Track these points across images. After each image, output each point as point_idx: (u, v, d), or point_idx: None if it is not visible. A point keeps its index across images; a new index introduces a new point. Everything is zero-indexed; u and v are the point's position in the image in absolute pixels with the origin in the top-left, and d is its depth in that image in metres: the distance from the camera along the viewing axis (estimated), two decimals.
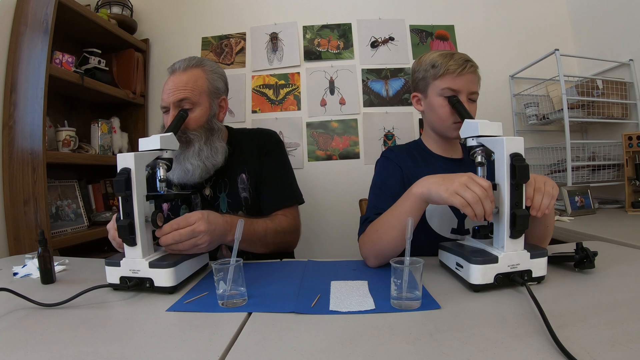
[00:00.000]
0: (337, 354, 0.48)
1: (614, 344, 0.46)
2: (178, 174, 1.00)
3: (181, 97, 1.00)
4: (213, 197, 1.10)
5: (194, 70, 1.04)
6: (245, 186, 1.09)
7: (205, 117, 1.03)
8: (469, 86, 0.97)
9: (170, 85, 1.02)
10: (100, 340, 0.53)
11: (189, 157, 0.99)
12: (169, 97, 1.00)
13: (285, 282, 0.78)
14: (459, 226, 1.00)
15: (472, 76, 0.98)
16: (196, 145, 1.00)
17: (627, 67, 1.76)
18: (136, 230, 0.72)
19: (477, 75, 0.99)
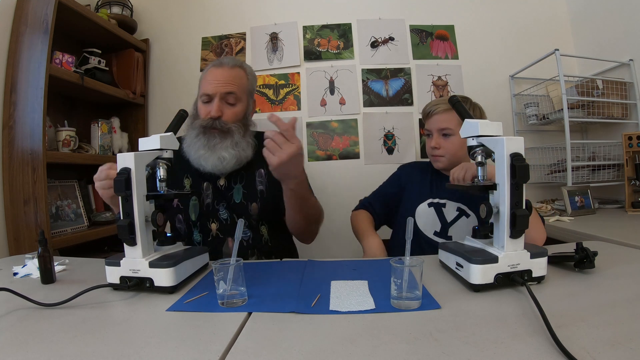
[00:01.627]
0: (337, 354, 0.48)
1: (614, 344, 0.46)
2: (212, 162, 1.06)
3: (230, 90, 1.07)
4: (227, 187, 1.12)
5: (239, 70, 1.11)
6: (263, 180, 1.14)
7: (243, 113, 1.11)
8: (437, 125, 1.20)
9: (218, 77, 1.07)
10: (100, 340, 0.53)
11: (226, 147, 1.05)
12: (217, 87, 1.06)
13: (285, 282, 0.78)
14: (442, 230, 1.18)
15: (439, 116, 1.20)
16: (235, 137, 1.07)
17: (627, 67, 1.76)
18: (136, 230, 0.72)
19: (448, 115, 1.18)
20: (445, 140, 1.20)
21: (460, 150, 1.19)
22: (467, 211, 1.18)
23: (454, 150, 1.19)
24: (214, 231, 1.10)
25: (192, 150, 1.08)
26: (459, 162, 1.16)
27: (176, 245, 0.85)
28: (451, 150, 1.19)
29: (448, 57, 2.08)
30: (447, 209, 1.20)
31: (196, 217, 1.11)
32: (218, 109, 1.05)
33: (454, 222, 1.18)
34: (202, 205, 1.11)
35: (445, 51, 2.08)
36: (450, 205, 1.20)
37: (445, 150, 1.20)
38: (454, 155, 1.20)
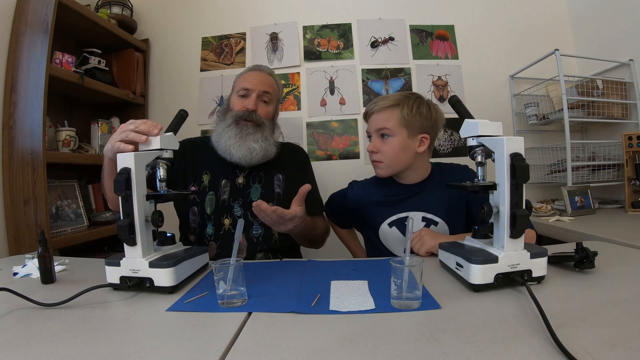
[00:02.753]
0: (337, 354, 0.48)
1: (614, 344, 0.46)
2: (242, 152, 1.11)
3: (266, 90, 1.18)
4: (245, 185, 1.17)
5: (273, 78, 1.24)
6: (280, 184, 1.19)
7: (272, 114, 1.22)
8: (374, 125, 1.10)
9: (258, 78, 1.19)
10: (100, 340, 0.53)
11: (257, 139, 1.12)
12: (256, 85, 1.17)
13: (285, 282, 0.78)
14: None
15: (377, 115, 1.10)
16: (266, 131, 1.15)
17: (627, 67, 1.76)
18: (136, 230, 0.72)
19: (386, 113, 1.08)
20: (384, 143, 1.08)
21: (401, 154, 1.07)
22: (434, 219, 1.10)
23: (393, 154, 1.07)
24: (227, 226, 1.14)
25: (222, 139, 1.12)
26: (402, 168, 1.10)
27: (176, 245, 0.85)
28: (390, 154, 1.07)
29: (448, 57, 2.08)
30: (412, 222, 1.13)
31: (211, 211, 1.14)
32: (255, 103, 1.15)
33: None
34: (218, 200, 1.14)
35: (445, 51, 2.08)
36: (414, 216, 1.10)
37: (383, 155, 1.08)
38: (394, 159, 1.08)
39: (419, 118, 1.06)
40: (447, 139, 2.04)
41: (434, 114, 1.10)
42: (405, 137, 1.07)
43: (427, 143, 1.09)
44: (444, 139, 2.04)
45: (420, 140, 1.08)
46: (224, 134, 1.12)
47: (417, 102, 1.08)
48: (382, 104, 1.08)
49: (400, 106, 1.06)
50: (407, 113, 1.05)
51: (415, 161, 1.10)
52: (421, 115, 1.07)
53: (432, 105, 1.11)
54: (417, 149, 1.08)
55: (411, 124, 1.06)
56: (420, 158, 1.11)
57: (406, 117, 1.05)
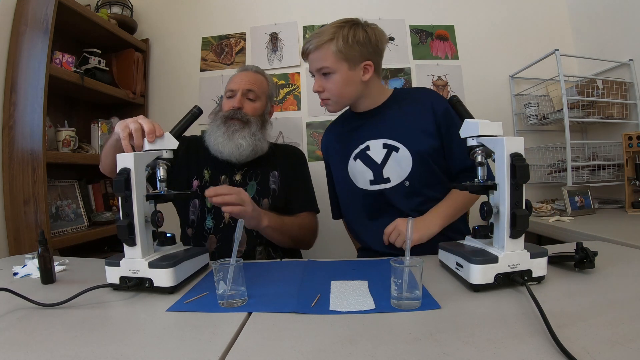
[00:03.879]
0: (337, 354, 0.48)
1: (614, 344, 0.46)
2: (230, 149, 1.15)
3: (250, 88, 1.21)
4: (242, 182, 1.21)
5: (260, 75, 1.28)
6: (276, 180, 1.23)
7: (261, 110, 1.24)
8: (314, 65, 1.06)
9: (243, 78, 1.24)
10: (100, 340, 0.53)
11: (244, 136, 1.16)
12: (240, 84, 1.22)
13: (285, 282, 0.78)
14: (376, 177, 1.09)
15: (313, 55, 1.04)
16: (253, 128, 1.18)
17: (627, 67, 1.76)
18: (136, 231, 0.72)
19: (322, 50, 1.02)
20: (327, 81, 1.05)
21: (346, 89, 1.05)
22: (394, 145, 1.07)
23: (338, 91, 1.05)
24: (227, 219, 1.17)
25: (212, 137, 1.18)
26: (353, 100, 1.10)
27: (176, 245, 0.85)
28: (335, 91, 1.05)
29: (448, 57, 2.07)
30: (373, 150, 1.09)
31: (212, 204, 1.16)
32: (239, 101, 1.19)
33: (386, 162, 1.08)
34: None
35: (445, 51, 2.08)
36: (374, 144, 1.09)
37: (329, 93, 1.06)
38: (340, 95, 1.06)
39: (357, 47, 1.01)
40: None
41: (373, 37, 1.04)
42: (346, 70, 1.03)
43: (371, 70, 1.05)
44: None
45: (363, 68, 1.04)
46: (213, 133, 1.18)
47: (352, 30, 1.02)
48: (316, 42, 1.02)
49: (335, 40, 1.01)
50: (342, 46, 1.00)
51: (364, 89, 1.08)
52: (359, 43, 1.01)
53: (370, 28, 1.05)
54: (362, 78, 1.05)
55: (350, 55, 1.01)
56: (369, 85, 1.08)
57: (343, 50, 1.00)
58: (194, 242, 1.18)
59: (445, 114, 1.06)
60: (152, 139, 0.81)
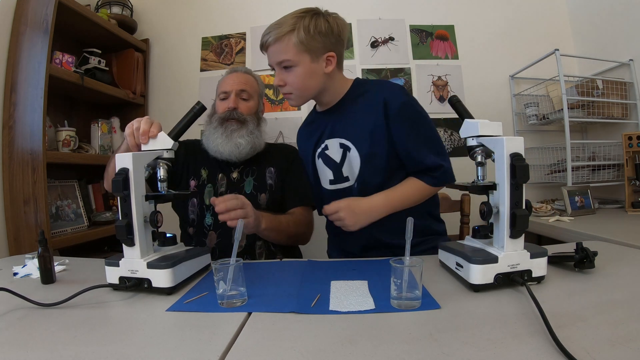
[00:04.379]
0: (337, 354, 0.48)
1: (614, 344, 0.46)
2: (230, 148, 1.16)
3: (243, 88, 1.24)
4: (239, 179, 1.23)
5: (250, 76, 1.30)
6: (272, 175, 1.25)
7: (255, 109, 1.27)
8: (274, 58, 1.02)
9: (234, 79, 1.26)
10: (100, 340, 0.53)
11: (242, 135, 1.18)
12: (233, 85, 1.24)
13: (285, 282, 0.78)
14: (335, 176, 1.10)
15: (273, 48, 1.00)
16: (250, 126, 1.21)
17: (627, 67, 1.76)
18: (134, 231, 0.72)
19: (283, 43, 0.98)
20: (289, 74, 1.01)
21: (309, 81, 1.02)
22: (347, 145, 1.05)
23: (300, 84, 1.01)
24: None
25: (210, 140, 1.19)
26: (315, 94, 1.05)
27: (177, 246, 0.85)
28: (297, 84, 1.01)
29: (448, 57, 2.07)
30: (331, 150, 1.08)
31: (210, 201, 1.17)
32: (235, 101, 1.22)
33: (343, 162, 1.06)
34: (216, 193, 1.21)
35: (445, 51, 2.08)
36: (332, 144, 1.08)
37: (291, 87, 1.02)
38: (303, 88, 1.02)
39: (319, 38, 0.97)
40: (447, 139, 2.04)
41: (335, 28, 1.00)
42: (308, 62, 0.99)
43: (334, 61, 1.02)
44: (444, 139, 2.04)
45: (326, 60, 1.01)
46: (211, 135, 1.20)
47: (313, 20, 0.97)
48: (275, 34, 0.97)
49: (296, 31, 0.96)
50: (304, 37, 0.96)
51: (327, 81, 1.04)
52: (321, 34, 0.97)
53: (332, 18, 1.01)
54: (325, 70, 1.01)
55: (312, 46, 0.97)
56: (332, 77, 1.05)
57: (305, 42, 0.96)
58: (196, 240, 1.19)
59: (399, 111, 1.00)
60: (145, 140, 0.82)
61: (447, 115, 2.02)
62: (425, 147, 1.01)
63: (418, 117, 1.02)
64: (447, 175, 1.01)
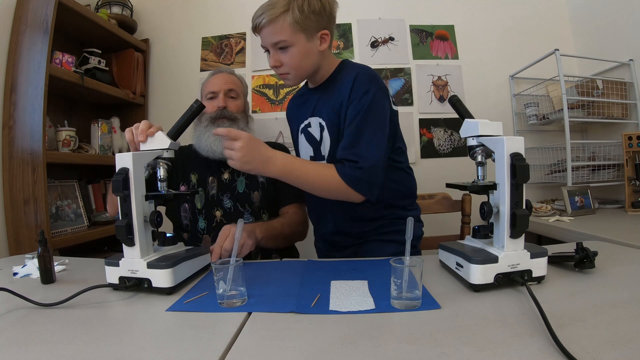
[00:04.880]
0: (337, 354, 0.48)
1: (614, 344, 0.46)
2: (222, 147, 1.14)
3: (231, 88, 1.27)
4: (231, 179, 1.24)
5: (234, 76, 1.34)
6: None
7: (243, 107, 1.31)
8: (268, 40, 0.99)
9: (220, 79, 1.28)
10: (100, 340, 0.53)
11: None
12: (221, 85, 1.26)
13: (285, 282, 0.78)
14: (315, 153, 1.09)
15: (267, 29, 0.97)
16: (240, 123, 1.23)
17: (627, 67, 1.76)
18: (134, 231, 0.72)
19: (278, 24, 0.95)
20: (284, 54, 0.99)
21: (305, 61, 1.00)
22: (323, 124, 1.05)
23: (297, 64, 0.99)
24: (218, 218, 1.20)
25: (202, 140, 1.19)
26: (311, 72, 1.04)
27: (177, 245, 0.84)
28: (294, 64, 0.99)
29: (448, 57, 2.07)
30: (313, 127, 1.08)
31: (202, 205, 1.21)
32: (224, 100, 1.23)
33: (322, 140, 1.06)
34: (208, 196, 1.22)
35: (445, 51, 2.08)
36: (314, 122, 1.07)
37: (287, 67, 1.00)
38: (299, 68, 1.01)
39: (313, 17, 0.96)
40: (447, 139, 2.04)
41: (327, 5, 0.99)
42: (304, 42, 0.97)
43: (328, 39, 1.01)
44: (444, 139, 2.04)
45: (320, 38, 0.99)
46: (203, 135, 1.20)
47: None
48: (270, 14, 0.95)
49: (290, 11, 0.94)
50: (299, 16, 0.94)
51: (322, 60, 1.03)
52: (314, 12, 0.96)
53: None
54: (319, 49, 1.00)
55: (306, 26, 0.96)
56: (324, 55, 1.04)
57: (300, 21, 0.94)
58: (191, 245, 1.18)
59: (358, 97, 0.96)
60: (143, 137, 0.82)
61: (447, 115, 2.02)
62: (357, 137, 0.95)
63: (371, 108, 0.96)
64: (357, 174, 0.91)
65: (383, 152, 0.96)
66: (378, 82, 0.99)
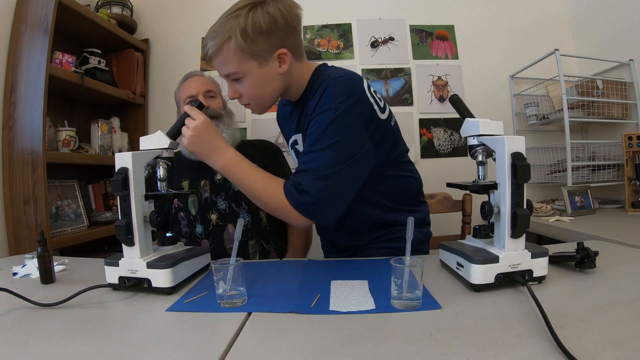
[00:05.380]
0: (337, 354, 0.48)
1: (614, 344, 0.46)
2: None
3: (208, 88, 1.28)
4: (224, 181, 1.23)
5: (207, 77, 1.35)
6: None
7: (222, 104, 1.32)
8: (220, 72, 0.89)
9: (197, 82, 1.28)
10: (99, 340, 0.53)
11: (223, 129, 1.20)
12: (198, 88, 1.25)
13: (285, 282, 0.78)
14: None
15: (216, 61, 0.86)
16: (225, 120, 1.25)
17: (627, 67, 1.76)
18: (134, 230, 0.72)
19: (222, 54, 0.84)
20: (240, 85, 0.88)
21: (264, 88, 0.89)
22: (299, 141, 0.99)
23: (255, 94, 0.89)
24: (214, 220, 1.20)
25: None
26: (277, 96, 0.93)
27: (177, 245, 0.84)
28: (252, 95, 0.90)
29: (448, 57, 2.08)
30: (300, 145, 0.99)
31: (196, 211, 1.21)
32: (205, 101, 1.22)
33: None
34: (201, 200, 1.21)
35: (445, 51, 2.08)
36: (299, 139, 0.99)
37: (247, 98, 0.91)
38: (259, 97, 0.90)
39: (261, 38, 0.82)
40: (447, 139, 2.04)
41: (280, 18, 0.83)
42: (257, 69, 0.85)
43: (287, 58, 0.87)
44: (444, 138, 2.04)
45: (277, 59, 0.86)
46: None
47: (250, 18, 0.81)
48: (213, 44, 0.83)
49: (233, 37, 0.81)
50: (242, 43, 0.81)
51: (288, 80, 0.91)
52: (262, 33, 0.82)
53: (273, 6, 0.83)
54: (279, 71, 0.87)
55: (255, 51, 0.83)
56: (290, 74, 0.90)
57: (246, 48, 0.82)
58: None
59: (319, 100, 0.85)
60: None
61: (447, 115, 2.02)
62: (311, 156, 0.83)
63: (322, 111, 0.83)
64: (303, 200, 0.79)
65: (345, 174, 0.82)
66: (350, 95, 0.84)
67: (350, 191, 0.85)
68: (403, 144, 1.03)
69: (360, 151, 0.84)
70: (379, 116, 0.90)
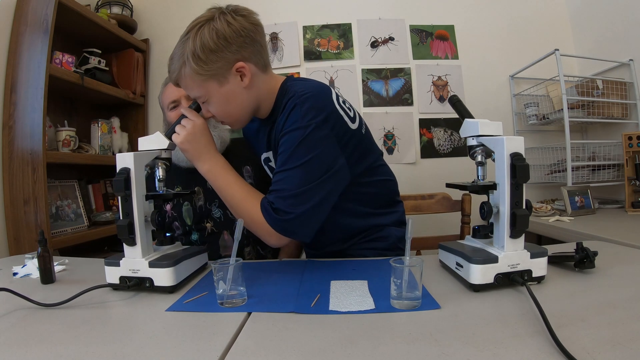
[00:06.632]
0: (337, 354, 0.48)
1: (614, 344, 0.46)
2: None
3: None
4: None
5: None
6: (250, 175, 1.20)
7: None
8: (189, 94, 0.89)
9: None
10: (100, 340, 0.53)
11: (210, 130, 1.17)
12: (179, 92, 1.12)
13: (285, 282, 0.78)
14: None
15: (182, 84, 0.87)
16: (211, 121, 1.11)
17: (627, 67, 1.76)
18: (135, 230, 0.72)
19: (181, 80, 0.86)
20: (209, 106, 0.87)
21: (231, 106, 0.87)
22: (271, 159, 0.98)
23: (224, 112, 0.87)
24: (209, 228, 1.17)
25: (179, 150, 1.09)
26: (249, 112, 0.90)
27: (175, 245, 0.85)
28: (222, 114, 0.88)
29: (448, 57, 2.08)
30: (274, 162, 0.97)
31: (191, 220, 1.17)
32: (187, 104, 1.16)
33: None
34: (195, 208, 1.17)
35: (445, 51, 2.08)
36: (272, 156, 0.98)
37: (219, 116, 0.89)
38: (230, 115, 0.89)
39: (214, 57, 0.80)
40: (447, 139, 2.04)
41: (228, 32, 0.81)
42: (218, 88, 0.83)
43: (247, 71, 0.83)
44: (444, 138, 2.04)
45: (236, 73, 0.83)
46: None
47: (198, 39, 0.80)
48: (172, 72, 0.86)
49: (186, 62, 0.81)
50: (195, 67, 0.80)
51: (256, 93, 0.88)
52: (212, 50, 0.80)
53: (222, 21, 0.82)
54: (242, 86, 0.84)
55: (211, 71, 0.81)
56: (256, 87, 0.87)
57: (200, 71, 0.80)
58: None
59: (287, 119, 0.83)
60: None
61: (447, 115, 2.02)
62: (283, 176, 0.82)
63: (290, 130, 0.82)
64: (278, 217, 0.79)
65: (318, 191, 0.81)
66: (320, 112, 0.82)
67: (325, 207, 0.84)
68: (376, 147, 1.02)
69: (332, 167, 0.83)
70: (350, 127, 0.89)
